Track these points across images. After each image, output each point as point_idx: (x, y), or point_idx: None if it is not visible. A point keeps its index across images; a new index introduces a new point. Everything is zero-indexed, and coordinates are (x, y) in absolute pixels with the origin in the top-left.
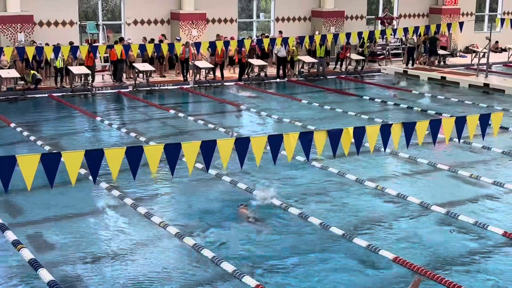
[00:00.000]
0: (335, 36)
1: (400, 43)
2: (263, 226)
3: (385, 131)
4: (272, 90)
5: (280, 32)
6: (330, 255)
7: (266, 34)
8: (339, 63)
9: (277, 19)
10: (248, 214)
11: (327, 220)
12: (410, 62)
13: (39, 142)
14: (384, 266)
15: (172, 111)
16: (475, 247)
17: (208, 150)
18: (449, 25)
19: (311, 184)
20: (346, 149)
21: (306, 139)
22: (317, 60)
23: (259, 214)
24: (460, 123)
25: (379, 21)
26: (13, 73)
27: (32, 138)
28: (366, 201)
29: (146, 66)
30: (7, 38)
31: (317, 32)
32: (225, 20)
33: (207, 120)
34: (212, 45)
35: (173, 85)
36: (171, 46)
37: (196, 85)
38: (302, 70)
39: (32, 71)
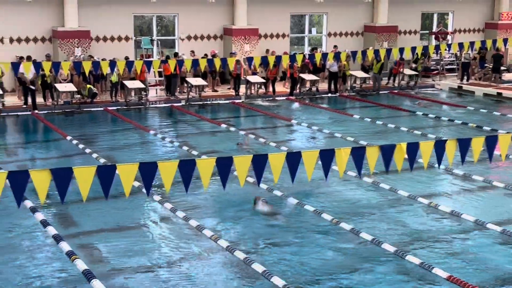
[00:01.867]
0: (388, 51)
1: (454, 58)
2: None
3: (440, 147)
4: (324, 104)
5: (335, 46)
6: (382, 272)
7: (317, 48)
8: (391, 78)
9: (329, 34)
10: (265, 208)
11: (379, 236)
12: (465, 77)
13: (94, 155)
14: (438, 285)
15: (223, 125)
16: None
17: (259, 164)
18: (505, 40)
19: (363, 200)
20: (399, 165)
21: (358, 154)
22: (369, 75)
23: (309, 227)
24: None
25: (433, 36)
26: (70, 87)
27: (87, 150)
28: (419, 218)
29: (199, 81)
30: (64, 53)
31: (370, 48)
32: (277, 35)
33: (258, 134)
34: (264, 60)
35: (225, 100)
36: (223, 61)
37: (248, 100)
38: (354, 85)
39: (88, 85)
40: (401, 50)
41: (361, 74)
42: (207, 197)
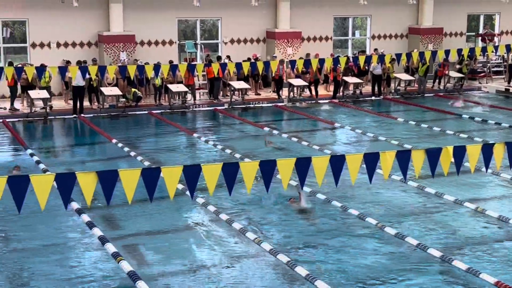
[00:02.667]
0: (433, 54)
1: (501, 61)
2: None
3: (487, 150)
4: (367, 107)
5: (376, 49)
6: (429, 277)
7: (364, 51)
8: (436, 81)
9: (373, 37)
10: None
11: (425, 241)
12: None
13: (139, 158)
14: None
15: (266, 128)
16: None
17: (303, 167)
18: None
19: (408, 204)
20: (445, 169)
21: (403, 158)
22: (413, 78)
23: (353, 231)
24: None
25: (480, 38)
26: (116, 90)
27: (132, 153)
28: (465, 223)
29: (242, 84)
30: (110, 57)
31: (415, 50)
32: (320, 38)
33: (301, 137)
34: (307, 63)
35: (267, 103)
36: (266, 64)
37: (291, 103)
38: (398, 87)
39: (133, 89)
40: (447, 52)
41: (405, 76)
42: (250, 199)
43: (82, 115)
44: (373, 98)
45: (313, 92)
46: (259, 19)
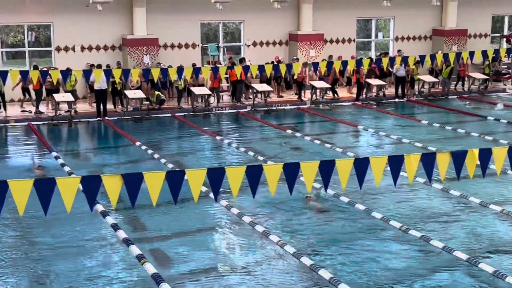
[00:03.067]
0: (458, 55)
1: None
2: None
3: None
4: (391, 110)
5: (399, 51)
6: (454, 280)
7: (387, 53)
8: (460, 82)
9: (396, 38)
10: (317, 205)
11: (450, 244)
12: None
13: (162, 160)
14: None
15: (289, 131)
16: None
17: (327, 170)
18: None
19: (432, 207)
20: (471, 171)
21: (428, 160)
22: (438, 80)
23: (377, 234)
24: None
25: (504, 39)
26: (139, 93)
27: (156, 156)
28: (491, 225)
29: (264, 87)
30: (133, 60)
31: (439, 52)
32: (343, 40)
33: (324, 140)
34: (330, 65)
35: (290, 105)
36: (289, 67)
37: (313, 105)
38: (422, 90)
39: (156, 92)
40: (471, 54)
41: (429, 78)
42: (274, 202)
43: (106, 118)
44: (396, 100)
45: (337, 94)
46: (282, 22)
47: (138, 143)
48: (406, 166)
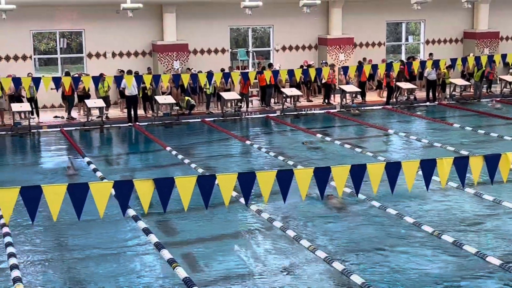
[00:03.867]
0: (490, 58)
1: None
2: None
3: None
4: (422, 113)
5: (431, 54)
6: (488, 286)
7: (414, 57)
8: (489, 85)
9: (427, 41)
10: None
11: (483, 249)
12: None
13: (192, 165)
14: None
15: (319, 135)
16: None
17: (358, 174)
18: None
19: (465, 211)
20: (504, 175)
21: (461, 164)
22: (470, 83)
23: (409, 239)
24: None
25: None
26: (169, 99)
27: (186, 161)
28: None
29: (294, 91)
30: (163, 66)
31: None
32: (373, 44)
33: (354, 144)
34: (360, 69)
35: (320, 110)
36: (318, 71)
37: (343, 109)
38: (453, 93)
39: (186, 97)
40: (504, 57)
41: (461, 82)
42: (305, 207)
43: (137, 123)
44: (427, 103)
45: (367, 98)
46: (311, 26)
47: (168, 148)
48: (438, 170)
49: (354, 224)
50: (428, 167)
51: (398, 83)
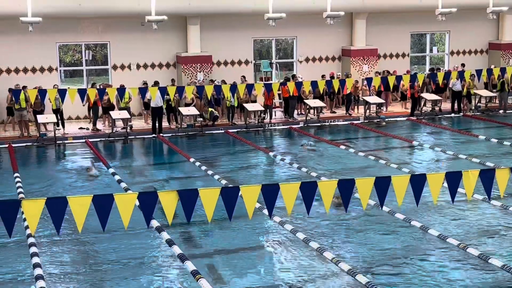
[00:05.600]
0: None
1: None
2: None
3: None
4: (447, 125)
5: (463, 65)
6: None
7: (439, 68)
8: None
9: (451, 52)
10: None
11: (510, 262)
12: None
13: (216, 176)
14: None
15: (342, 147)
16: None
17: (382, 186)
18: None
19: (491, 224)
20: None
21: (487, 176)
22: (494, 94)
23: (434, 251)
24: None
25: None
26: (193, 110)
27: (209, 172)
28: None
29: (317, 102)
30: (187, 77)
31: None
32: (397, 55)
33: (378, 155)
34: (384, 80)
35: (343, 121)
36: (342, 82)
37: (367, 120)
38: (479, 104)
39: (210, 109)
40: None
41: (486, 93)
42: (328, 218)
43: (161, 134)
44: (452, 115)
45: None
46: (335, 37)
47: (192, 160)
48: (464, 182)
49: (378, 237)
50: (454, 179)
51: (422, 94)
